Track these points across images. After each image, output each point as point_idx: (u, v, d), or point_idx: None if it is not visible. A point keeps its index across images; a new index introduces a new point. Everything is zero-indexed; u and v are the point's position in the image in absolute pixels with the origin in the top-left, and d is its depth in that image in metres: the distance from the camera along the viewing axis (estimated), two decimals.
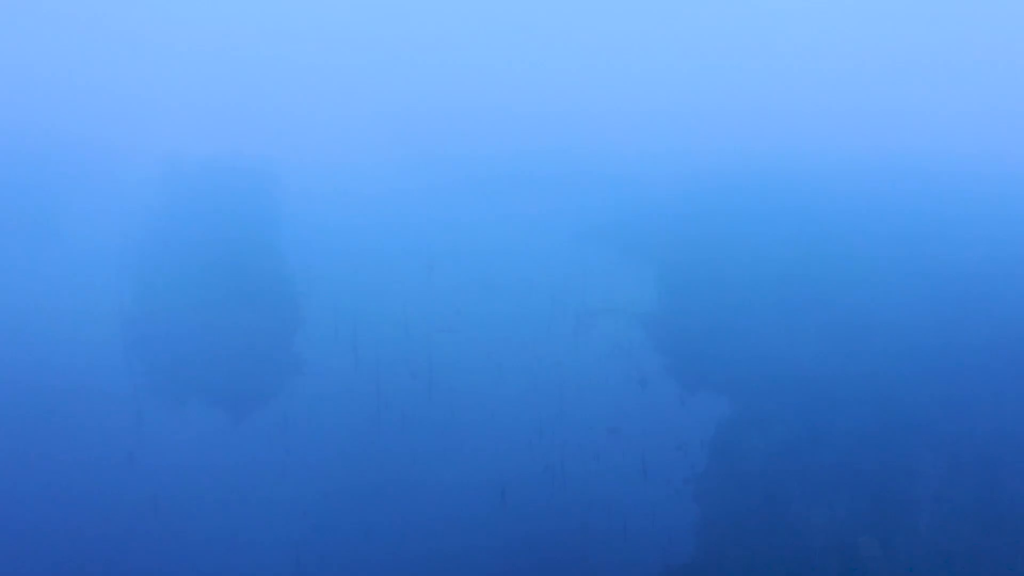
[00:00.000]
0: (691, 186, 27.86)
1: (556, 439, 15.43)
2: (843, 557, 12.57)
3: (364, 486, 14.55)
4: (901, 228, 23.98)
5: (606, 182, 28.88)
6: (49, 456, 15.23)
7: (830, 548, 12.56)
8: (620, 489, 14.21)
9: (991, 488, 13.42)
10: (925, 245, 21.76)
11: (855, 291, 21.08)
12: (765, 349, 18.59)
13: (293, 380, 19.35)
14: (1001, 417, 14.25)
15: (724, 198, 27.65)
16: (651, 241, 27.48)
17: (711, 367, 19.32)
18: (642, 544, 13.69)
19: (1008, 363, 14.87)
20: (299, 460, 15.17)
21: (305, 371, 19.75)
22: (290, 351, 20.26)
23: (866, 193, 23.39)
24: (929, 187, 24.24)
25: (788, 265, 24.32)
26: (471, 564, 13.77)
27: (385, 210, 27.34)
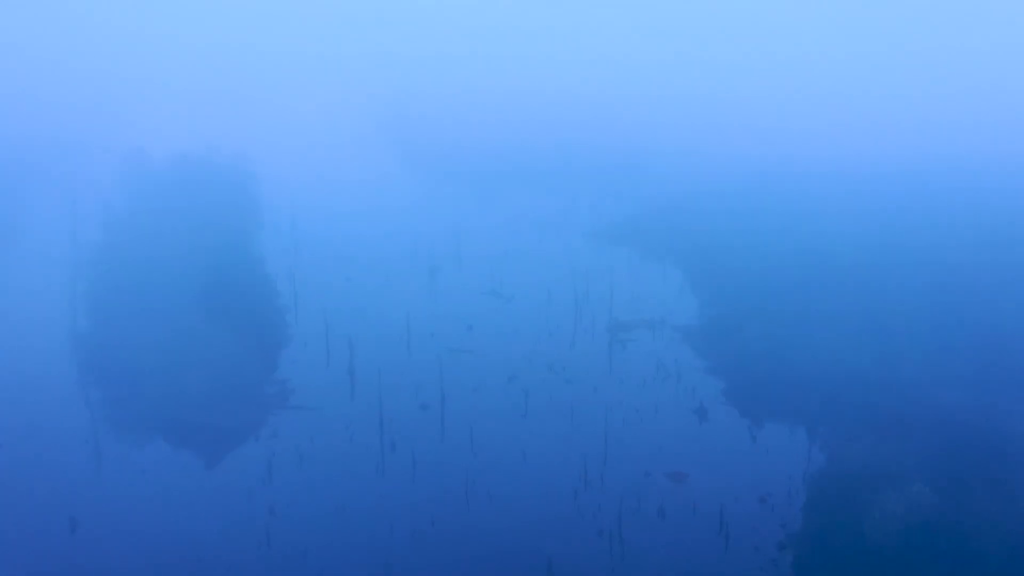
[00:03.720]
0: (718, 179, 24.72)
1: (606, 490, 12.65)
2: None
3: (368, 555, 12.02)
4: (988, 225, 20.73)
5: (620, 177, 25.86)
6: None
7: None
8: (695, 558, 11.60)
9: None
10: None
11: (962, 300, 18.06)
12: (843, 370, 15.83)
13: (277, 415, 16.45)
14: None
15: (760, 192, 24.52)
16: (675, 241, 24.20)
17: (778, 392, 16.58)
18: None
19: None
20: (287, 519, 12.53)
21: (292, 402, 16.70)
22: (273, 378, 17.30)
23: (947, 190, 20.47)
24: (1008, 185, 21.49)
25: (857, 268, 21.24)
26: None
27: (379, 209, 24.21)
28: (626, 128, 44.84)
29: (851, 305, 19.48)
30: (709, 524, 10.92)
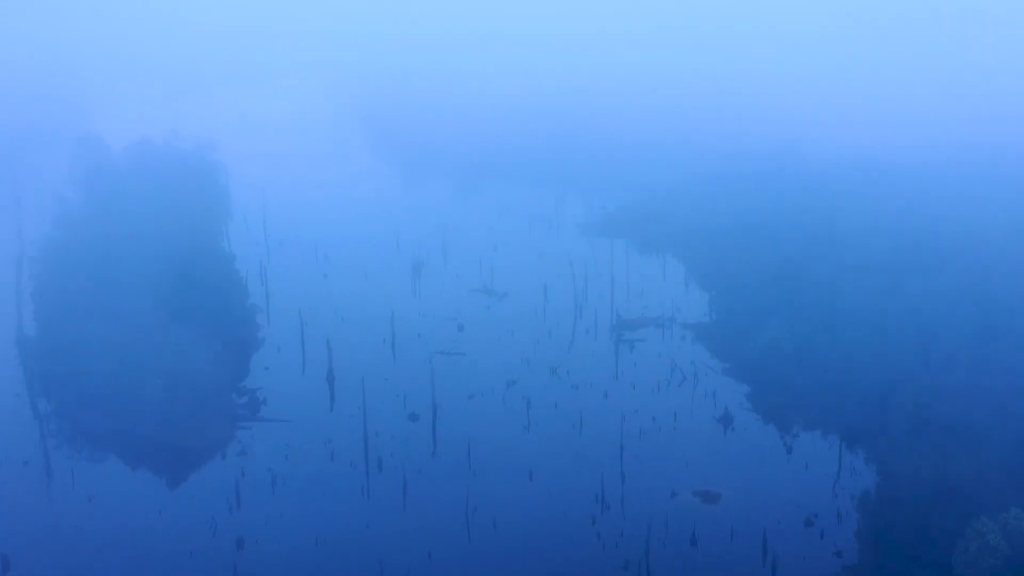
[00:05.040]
0: (720, 165, 22.83)
1: (628, 514, 11.36)
2: None
3: None
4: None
5: (611, 166, 24.30)
6: None
7: None
8: None
9: None
10: None
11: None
12: (884, 373, 14.38)
13: (247, 429, 14.68)
14: None
15: (772, 177, 22.55)
16: (676, 231, 22.23)
17: (811, 397, 14.99)
18: None
19: None
20: (257, 553, 11.12)
21: (264, 414, 14.92)
22: (243, 386, 15.47)
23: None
24: None
25: (891, 259, 19.34)
26: None
27: (358, 202, 22.31)
28: (616, 116, 43.98)
29: (887, 300, 18.18)
30: (751, 552, 9.60)
